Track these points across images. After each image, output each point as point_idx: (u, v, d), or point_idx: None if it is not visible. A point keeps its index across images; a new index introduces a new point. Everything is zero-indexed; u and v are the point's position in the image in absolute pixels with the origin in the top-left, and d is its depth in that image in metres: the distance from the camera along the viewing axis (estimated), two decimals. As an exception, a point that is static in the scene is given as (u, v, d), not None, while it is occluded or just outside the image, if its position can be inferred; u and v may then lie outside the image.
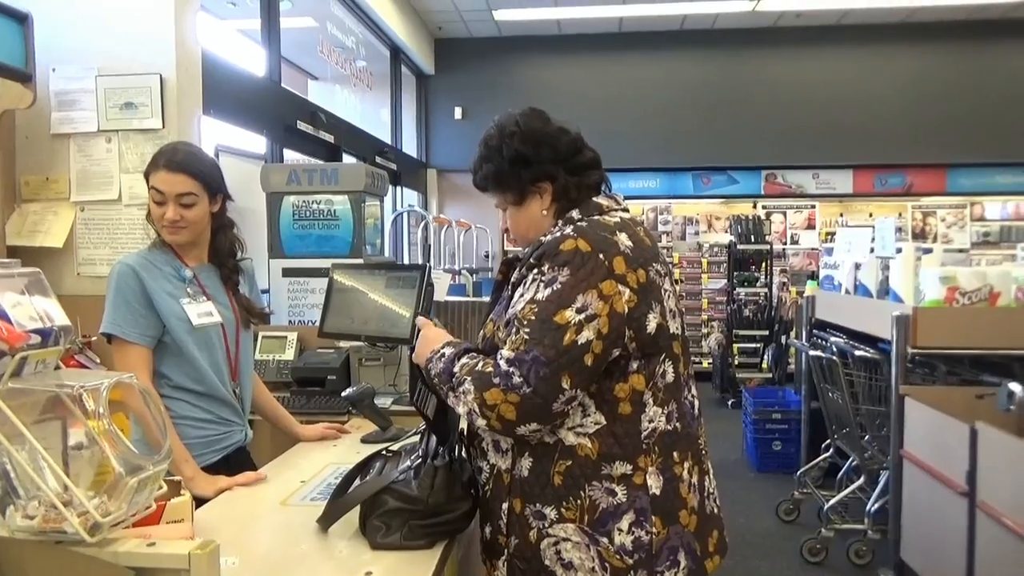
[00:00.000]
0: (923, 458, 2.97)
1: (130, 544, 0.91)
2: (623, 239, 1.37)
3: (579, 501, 1.31)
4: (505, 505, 1.38)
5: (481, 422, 1.29)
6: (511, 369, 1.26)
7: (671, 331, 1.39)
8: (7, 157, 2.92)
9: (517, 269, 1.43)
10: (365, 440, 2.21)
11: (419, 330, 1.55)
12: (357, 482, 1.55)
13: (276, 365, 2.97)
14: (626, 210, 1.50)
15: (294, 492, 1.77)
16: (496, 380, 1.27)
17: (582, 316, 1.27)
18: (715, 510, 1.46)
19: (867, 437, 3.69)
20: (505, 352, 1.29)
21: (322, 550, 1.43)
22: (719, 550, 1.43)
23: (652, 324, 1.34)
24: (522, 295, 1.35)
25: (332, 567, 1.36)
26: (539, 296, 1.31)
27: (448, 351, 1.41)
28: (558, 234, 1.37)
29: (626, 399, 1.33)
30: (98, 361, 2.93)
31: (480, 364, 1.32)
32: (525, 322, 1.29)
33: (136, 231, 3.02)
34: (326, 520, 1.49)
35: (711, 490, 1.46)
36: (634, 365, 1.34)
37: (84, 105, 3.02)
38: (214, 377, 1.95)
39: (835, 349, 3.73)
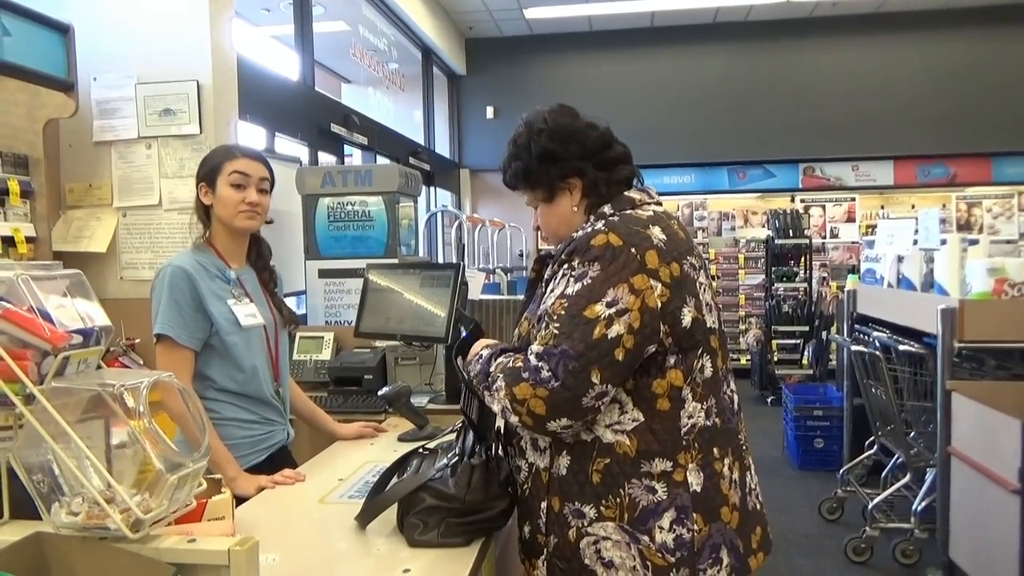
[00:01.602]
0: (972, 455, 2.89)
1: (171, 540, 0.92)
2: (656, 232, 1.35)
3: (618, 499, 1.30)
4: (544, 504, 1.37)
5: (513, 419, 1.29)
6: (540, 364, 1.25)
7: (708, 325, 1.37)
8: (52, 165, 3.00)
9: (550, 266, 1.42)
10: (402, 438, 2.21)
11: (459, 326, 1.55)
12: (394, 480, 1.55)
13: (313, 365, 3.00)
14: (659, 203, 1.49)
15: (332, 490, 1.78)
16: (525, 375, 1.26)
17: (612, 310, 1.26)
18: (758, 506, 1.44)
19: (912, 434, 3.60)
20: (535, 347, 1.28)
21: (360, 547, 1.44)
22: (763, 547, 1.41)
23: (687, 318, 1.32)
24: (553, 290, 1.35)
25: (370, 564, 1.37)
26: (569, 291, 1.30)
27: (486, 352, 1.41)
28: (589, 229, 1.36)
29: (664, 395, 1.32)
30: (141, 363, 3.00)
31: (512, 361, 1.32)
32: (555, 317, 1.29)
33: (176, 235, 3.07)
34: (364, 518, 1.50)
35: (753, 486, 1.44)
36: (671, 360, 1.32)
37: (124, 113, 3.10)
38: (259, 378, 1.98)
39: (878, 344, 3.65)
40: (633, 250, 1.30)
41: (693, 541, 1.29)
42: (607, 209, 1.43)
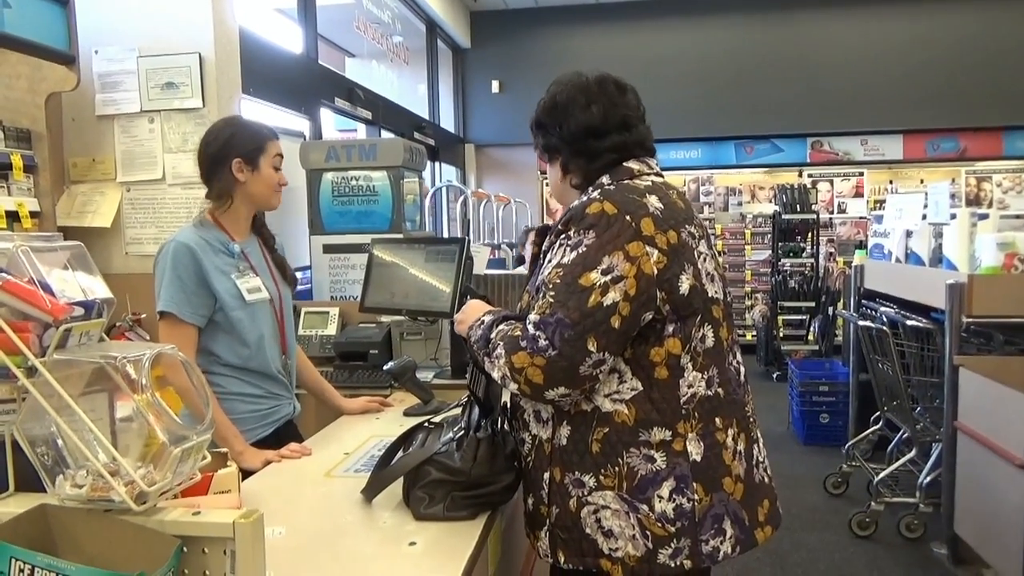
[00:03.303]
0: (979, 430, 2.88)
1: (176, 513, 0.92)
2: (653, 201, 1.35)
3: (617, 468, 1.30)
4: (546, 475, 1.37)
5: (513, 386, 1.29)
6: (537, 332, 1.25)
7: (709, 294, 1.36)
8: (55, 139, 2.98)
9: (548, 237, 1.42)
10: (408, 413, 2.22)
11: (466, 299, 1.56)
12: (400, 454, 1.55)
13: (319, 340, 3.00)
14: (659, 175, 1.48)
15: (338, 464, 1.78)
16: (523, 343, 1.26)
17: (607, 278, 1.26)
18: (765, 479, 1.43)
19: (919, 409, 3.60)
20: (532, 316, 1.29)
21: (366, 521, 1.44)
22: (770, 520, 1.40)
23: (685, 285, 1.31)
24: (550, 260, 1.35)
25: (377, 537, 1.37)
26: (565, 260, 1.30)
27: (488, 318, 1.42)
28: (585, 199, 1.37)
29: (662, 364, 1.31)
30: (148, 338, 3.01)
31: (511, 329, 1.32)
32: (551, 285, 1.29)
33: (180, 210, 3.06)
34: (370, 491, 1.50)
35: (760, 459, 1.43)
36: (669, 329, 1.32)
37: (127, 86, 3.07)
38: (265, 353, 1.98)
39: (885, 319, 3.63)
40: (628, 217, 1.30)
41: (694, 511, 1.29)
42: (605, 179, 1.44)
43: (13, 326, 0.90)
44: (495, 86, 9.03)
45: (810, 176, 8.95)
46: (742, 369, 1.45)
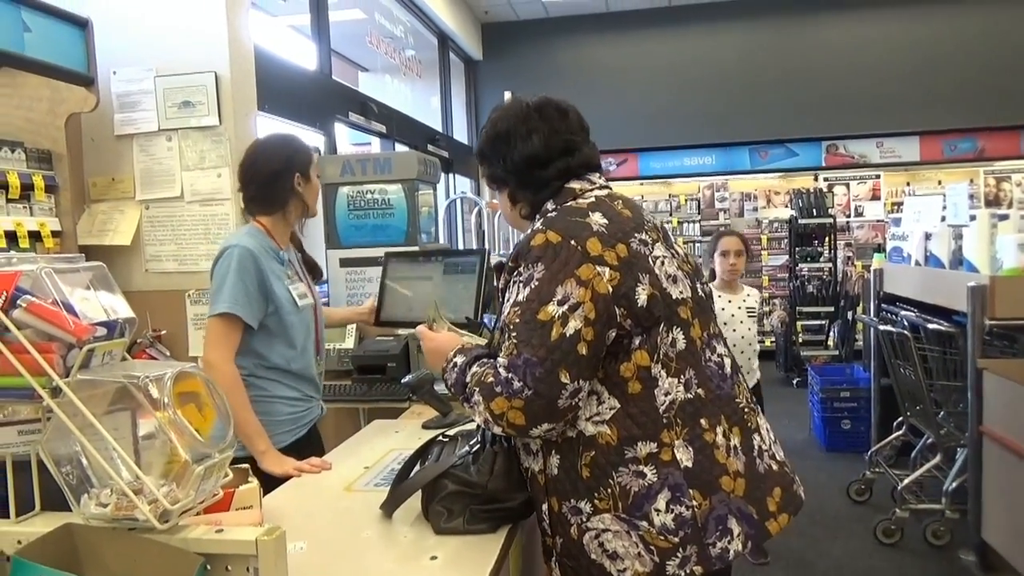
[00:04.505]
0: (1005, 433, 2.84)
1: (199, 531, 0.93)
2: (596, 219, 1.34)
3: (609, 490, 1.29)
4: (544, 506, 1.37)
5: (497, 430, 1.29)
6: (509, 375, 1.25)
7: (673, 296, 1.35)
8: (75, 159, 3.02)
9: (502, 275, 1.42)
10: (426, 426, 2.22)
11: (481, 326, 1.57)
12: (416, 468, 1.55)
13: (336, 353, 3.01)
14: (604, 187, 1.47)
15: (358, 478, 1.79)
16: (498, 389, 1.26)
17: (565, 307, 1.25)
18: (773, 467, 1.40)
19: (942, 413, 3.55)
20: (501, 359, 1.29)
21: (387, 535, 1.44)
22: (785, 508, 1.36)
23: (643, 296, 1.30)
24: (508, 299, 1.35)
25: (397, 552, 1.37)
26: (520, 297, 1.30)
27: (459, 360, 1.40)
28: (530, 231, 1.37)
29: (633, 377, 1.30)
30: (168, 355, 3.03)
31: (484, 374, 1.31)
32: (511, 326, 1.29)
33: (198, 227, 3.09)
34: (389, 506, 1.50)
35: (764, 447, 1.40)
36: (636, 341, 1.30)
37: (144, 106, 3.11)
38: (308, 355, 2.06)
39: (906, 323, 3.59)
40: (573, 242, 1.30)
41: (695, 517, 1.27)
42: (549, 205, 1.44)
43: (38, 347, 0.91)
44: (507, 97, 9.01)
45: (826, 180, 8.89)
46: (726, 362, 1.42)
